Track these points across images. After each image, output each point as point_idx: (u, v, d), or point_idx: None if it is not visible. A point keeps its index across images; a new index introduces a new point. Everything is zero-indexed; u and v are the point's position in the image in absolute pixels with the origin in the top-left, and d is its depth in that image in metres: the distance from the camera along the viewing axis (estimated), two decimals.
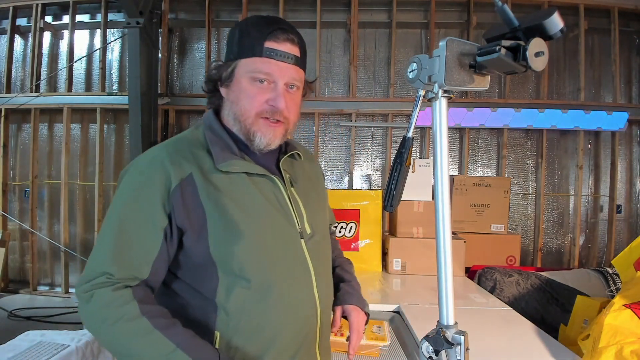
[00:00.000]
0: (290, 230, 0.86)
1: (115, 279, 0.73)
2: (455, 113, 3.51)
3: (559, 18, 0.58)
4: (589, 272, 2.88)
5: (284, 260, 0.84)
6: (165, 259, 0.78)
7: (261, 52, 0.81)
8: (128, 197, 0.79)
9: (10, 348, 1.52)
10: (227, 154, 0.83)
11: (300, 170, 0.96)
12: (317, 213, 0.94)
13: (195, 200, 0.78)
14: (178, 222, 0.77)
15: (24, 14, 3.89)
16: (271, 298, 0.81)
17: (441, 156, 0.70)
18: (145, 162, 0.81)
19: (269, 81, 0.83)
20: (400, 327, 1.79)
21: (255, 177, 0.84)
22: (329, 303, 0.95)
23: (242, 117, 0.84)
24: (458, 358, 0.66)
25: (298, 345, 0.85)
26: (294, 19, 3.72)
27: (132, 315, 0.71)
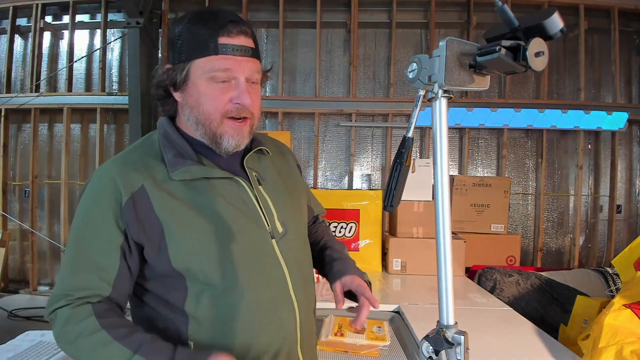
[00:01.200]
0: (258, 231, 0.83)
1: (74, 298, 0.73)
2: (455, 113, 3.51)
3: (559, 18, 0.58)
4: (589, 272, 2.88)
5: (253, 263, 0.81)
6: (126, 274, 0.77)
7: (216, 49, 0.76)
8: (82, 219, 0.78)
9: (10, 348, 1.52)
10: (181, 160, 0.78)
11: (270, 166, 0.92)
12: (289, 210, 0.90)
13: (149, 213, 0.75)
14: (134, 237, 0.75)
15: (24, 14, 3.89)
16: (242, 303, 0.78)
17: (441, 156, 0.70)
18: (95, 181, 0.79)
19: (229, 78, 0.79)
20: (400, 327, 1.79)
21: (216, 180, 0.81)
22: (309, 303, 0.91)
23: (206, 121, 0.79)
24: (458, 358, 0.66)
25: (277, 348, 0.81)
26: (294, 19, 3.73)
27: (91, 329, 0.71)
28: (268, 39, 3.85)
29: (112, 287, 0.75)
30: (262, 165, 0.90)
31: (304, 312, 0.87)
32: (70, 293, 0.74)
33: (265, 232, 0.83)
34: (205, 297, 0.77)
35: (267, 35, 3.85)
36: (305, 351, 0.88)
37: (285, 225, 0.87)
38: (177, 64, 0.79)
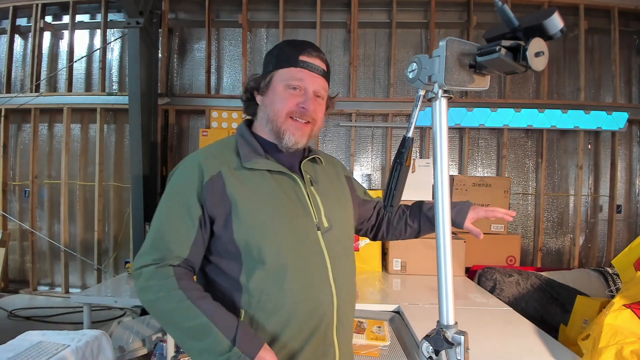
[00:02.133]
0: (306, 222, 0.95)
1: (158, 259, 0.88)
2: (455, 113, 3.51)
3: (559, 18, 0.58)
4: (589, 272, 2.88)
5: (299, 247, 0.93)
6: (201, 242, 0.91)
7: (296, 63, 0.95)
8: (172, 193, 0.95)
9: (10, 348, 1.52)
10: (253, 154, 0.95)
11: (322, 173, 1.07)
12: (335, 210, 1.02)
13: (222, 193, 0.90)
14: (209, 211, 0.90)
15: (24, 14, 3.89)
16: (286, 280, 0.90)
17: (441, 156, 0.70)
18: (185, 165, 0.97)
19: (301, 88, 0.96)
20: (400, 327, 1.79)
21: (276, 174, 0.96)
22: (348, 292, 1.00)
23: (274, 117, 0.96)
24: (458, 358, 0.66)
25: (314, 326, 0.92)
26: (294, 19, 3.73)
27: (171, 288, 0.85)
28: (268, 39, 3.85)
29: (189, 251, 0.90)
30: (315, 171, 1.06)
31: (342, 300, 0.96)
32: (154, 254, 0.88)
33: (313, 224, 0.96)
34: (256, 271, 0.90)
35: (267, 35, 3.85)
36: (340, 337, 0.96)
37: (331, 221, 0.99)
38: (265, 73, 0.98)
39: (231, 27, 3.83)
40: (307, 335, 0.91)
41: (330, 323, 0.94)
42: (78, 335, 1.67)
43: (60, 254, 3.76)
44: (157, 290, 0.85)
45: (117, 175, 3.90)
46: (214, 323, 0.83)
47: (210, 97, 3.70)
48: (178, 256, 0.89)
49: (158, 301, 0.86)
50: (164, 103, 3.67)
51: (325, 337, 0.94)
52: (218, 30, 3.85)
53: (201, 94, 3.75)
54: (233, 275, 0.92)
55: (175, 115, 3.75)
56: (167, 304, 0.85)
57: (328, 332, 0.94)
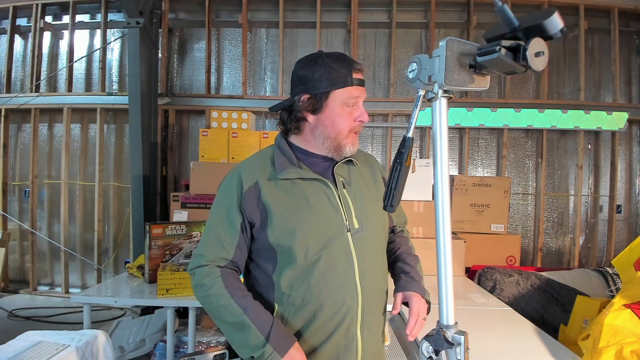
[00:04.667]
0: (336, 224, 1.01)
1: (209, 261, 1.01)
2: (455, 113, 3.51)
3: (559, 18, 0.58)
4: (589, 272, 2.88)
5: (328, 247, 0.99)
6: (243, 245, 1.03)
7: (352, 82, 1.01)
8: (217, 203, 1.07)
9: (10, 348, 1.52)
10: (286, 164, 1.03)
11: (356, 174, 1.11)
12: (368, 211, 1.06)
13: (259, 201, 1.01)
14: (248, 217, 1.02)
15: (24, 14, 3.89)
16: (313, 277, 0.98)
17: (441, 156, 0.70)
18: (229, 177, 1.08)
19: (355, 104, 1.03)
20: (401, 327, 1.79)
21: (309, 181, 1.03)
22: (376, 292, 1.05)
23: (336, 135, 1.03)
24: (458, 358, 0.66)
25: (337, 322, 0.98)
26: (294, 19, 3.73)
27: (218, 287, 0.98)
28: (268, 39, 3.85)
29: (233, 253, 1.02)
30: (350, 173, 1.09)
31: (368, 299, 1.02)
32: (205, 256, 1.02)
33: (343, 226, 1.01)
34: (287, 270, 0.99)
35: (267, 35, 3.85)
36: (365, 334, 1.01)
37: (362, 223, 1.04)
38: (316, 94, 1.02)
39: (231, 27, 3.83)
40: (330, 330, 0.98)
41: (354, 320, 1.00)
42: (78, 335, 1.67)
43: (60, 254, 3.76)
44: (207, 289, 0.99)
45: (117, 175, 3.90)
46: (252, 320, 0.95)
47: (210, 97, 3.71)
48: (224, 258, 1.02)
49: (208, 298, 0.99)
50: (164, 103, 3.67)
51: (347, 333, 0.99)
52: (218, 30, 3.85)
53: (201, 94, 3.75)
54: (268, 273, 1.02)
55: (175, 115, 3.75)
56: (216, 301, 0.98)
57: (351, 328, 0.99)
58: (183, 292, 2.02)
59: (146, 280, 2.29)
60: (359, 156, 1.15)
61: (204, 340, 2.43)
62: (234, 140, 3.21)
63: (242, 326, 0.95)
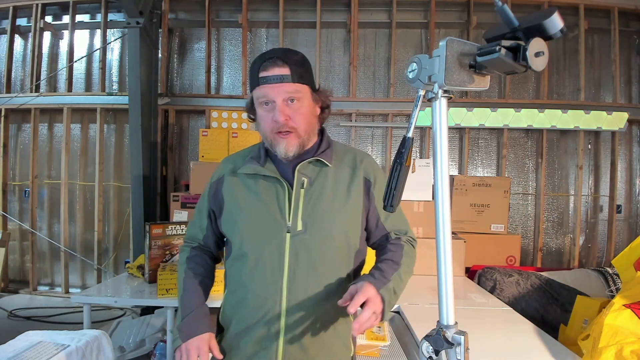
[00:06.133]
0: (277, 222, 1.01)
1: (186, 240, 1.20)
2: (455, 113, 3.51)
3: (559, 18, 0.58)
4: (589, 272, 2.88)
5: (260, 244, 1.02)
6: (211, 230, 1.15)
7: (258, 82, 0.99)
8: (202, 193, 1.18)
9: (11, 348, 1.52)
10: (252, 161, 1.07)
11: (324, 175, 1.05)
12: (320, 213, 1.01)
13: (219, 192, 1.10)
14: (212, 206, 1.13)
15: (24, 14, 3.89)
16: (243, 270, 1.04)
17: (441, 156, 0.70)
18: None
19: (271, 102, 0.99)
20: (400, 327, 1.79)
21: (266, 178, 1.05)
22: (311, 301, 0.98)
23: (264, 136, 1.05)
24: (458, 358, 0.66)
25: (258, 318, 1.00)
26: (294, 19, 3.73)
27: (181, 264, 1.15)
28: (268, 39, 3.85)
29: (202, 237, 1.16)
30: (317, 173, 1.05)
31: (298, 306, 0.96)
32: (186, 235, 1.20)
33: (283, 226, 1.00)
34: (230, 258, 1.10)
35: (267, 35, 3.85)
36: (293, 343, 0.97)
37: (307, 225, 1.00)
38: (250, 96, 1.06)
39: (231, 27, 3.83)
40: (251, 324, 1.02)
41: (274, 323, 0.98)
42: (78, 335, 1.67)
43: (60, 254, 3.76)
44: (179, 263, 1.16)
45: (117, 175, 3.90)
46: (182, 301, 1.07)
47: (210, 97, 3.70)
48: (197, 239, 1.16)
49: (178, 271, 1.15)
50: (164, 103, 3.67)
51: (268, 333, 0.99)
52: (218, 30, 3.85)
53: (201, 94, 3.75)
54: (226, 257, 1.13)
55: (175, 115, 3.75)
56: (178, 275, 1.14)
57: (272, 329, 0.99)
58: None
59: (146, 280, 2.29)
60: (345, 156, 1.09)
61: None
62: (234, 140, 3.21)
63: (180, 302, 1.08)
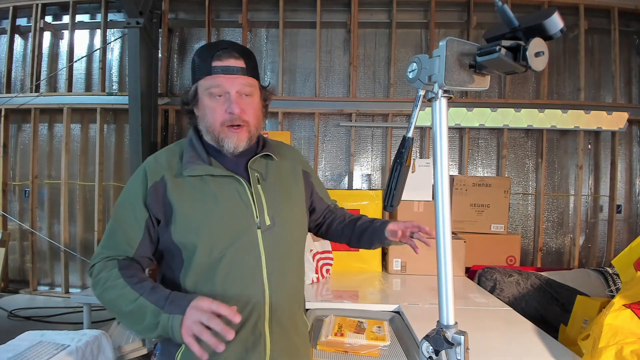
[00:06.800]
0: (246, 221, 0.99)
1: (107, 256, 0.97)
2: (455, 113, 3.51)
3: (559, 18, 0.58)
4: (589, 272, 2.88)
5: (234, 244, 0.97)
6: (147, 242, 0.99)
7: (209, 71, 0.96)
8: (122, 199, 1.02)
9: (10, 348, 1.52)
10: (194, 160, 0.99)
11: (274, 169, 1.08)
12: (282, 208, 1.05)
13: (164, 197, 0.97)
14: (154, 214, 0.98)
15: (24, 14, 3.89)
16: (217, 276, 0.96)
17: (441, 156, 0.71)
18: (135, 172, 1.03)
19: (223, 93, 0.97)
20: (400, 327, 1.79)
21: (219, 177, 1.00)
22: (287, 288, 1.05)
23: (211, 128, 0.99)
24: (458, 358, 0.66)
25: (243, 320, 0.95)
26: (294, 19, 3.73)
27: (114, 277, 0.92)
28: (268, 39, 3.85)
29: (135, 250, 0.98)
30: (267, 168, 1.06)
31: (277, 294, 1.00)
32: (105, 253, 0.98)
33: (252, 222, 0.99)
34: (191, 269, 0.96)
35: (267, 35, 3.85)
36: (274, 328, 1.00)
37: (274, 219, 1.01)
38: (191, 85, 1.01)
39: (231, 27, 3.83)
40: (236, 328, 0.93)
41: (261, 317, 0.98)
42: (78, 335, 1.68)
43: (60, 254, 3.76)
44: (104, 282, 0.92)
45: (117, 175, 3.90)
46: (148, 300, 0.87)
47: None
48: (126, 255, 0.98)
49: (106, 291, 0.92)
50: (164, 103, 3.67)
51: (254, 330, 0.98)
52: (218, 30, 3.85)
53: None
54: (175, 274, 0.99)
55: (175, 115, 3.75)
56: (113, 292, 0.91)
57: (258, 325, 0.98)
58: None
59: None
60: (281, 150, 1.13)
61: None
62: None
63: (141, 309, 0.86)
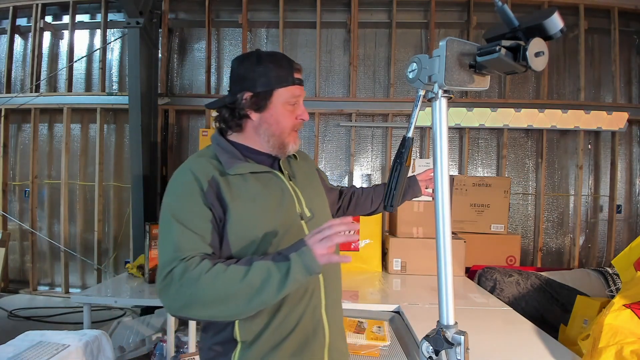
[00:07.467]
0: (291, 212, 1.03)
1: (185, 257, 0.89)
2: (455, 113, 3.51)
3: (559, 18, 0.58)
4: (589, 272, 2.88)
5: (286, 235, 0.99)
6: (217, 240, 0.97)
7: (293, 81, 1.04)
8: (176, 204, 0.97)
9: (11, 348, 1.52)
10: (234, 160, 1.02)
11: (297, 168, 1.16)
12: (315, 200, 1.12)
13: (219, 196, 0.97)
14: (216, 213, 0.96)
15: (24, 14, 3.89)
16: None
17: (441, 156, 0.71)
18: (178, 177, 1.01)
19: (296, 103, 1.06)
20: (400, 327, 1.79)
21: (259, 174, 1.03)
22: (334, 274, 1.10)
23: (279, 132, 1.05)
24: (458, 358, 0.66)
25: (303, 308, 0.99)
26: (294, 19, 3.73)
27: (208, 266, 0.86)
28: (268, 39, 3.85)
29: (211, 249, 0.94)
30: (292, 167, 1.14)
31: (328, 281, 1.05)
32: (180, 255, 0.89)
33: (296, 214, 1.04)
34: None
35: (267, 35, 3.85)
36: (329, 316, 1.03)
37: (312, 210, 1.08)
38: (259, 92, 1.02)
39: (231, 27, 3.83)
40: (297, 317, 0.98)
41: (318, 304, 1.02)
42: (78, 335, 1.67)
43: (60, 254, 3.75)
44: (197, 276, 0.85)
45: (117, 175, 3.90)
46: (261, 262, 0.86)
47: (210, 97, 3.70)
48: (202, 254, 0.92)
49: (202, 285, 0.84)
50: (164, 103, 3.67)
51: (313, 317, 1.00)
52: (218, 30, 3.85)
53: (201, 94, 3.75)
54: None
55: (175, 115, 3.75)
56: (211, 280, 0.84)
57: (316, 312, 1.01)
58: None
59: (146, 280, 2.29)
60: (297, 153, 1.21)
61: None
62: None
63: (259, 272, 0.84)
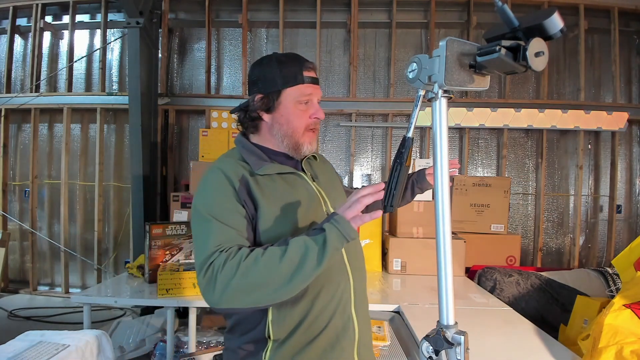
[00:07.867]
0: (320, 211, 1.05)
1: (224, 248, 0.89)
2: (455, 113, 3.51)
3: (559, 18, 0.58)
4: (589, 272, 2.88)
5: None
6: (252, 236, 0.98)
7: (303, 80, 1.03)
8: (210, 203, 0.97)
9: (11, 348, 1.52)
10: (261, 161, 1.03)
11: (318, 169, 1.18)
12: (338, 200, 1.14)
13: (250, 194, 0.98)
14: (249, 211, 0.98)
15: (24, 14, 3.89)
16: None
17: (441, 156, 0.70)
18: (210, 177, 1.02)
19: (309, 101, 1.06)
20: (400, 327, 1.79)
21: (285, 175, 1.05)
22: (360, 270, 1.12)
23: (292, 133, 1.05)
24: (458, 358, 0.66)
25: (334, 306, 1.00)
26: (294, 19, 3.73)
27: (247, 253, 0.87)
28: (268, 39, 3.85)
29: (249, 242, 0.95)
30: (313, 168, 1.16)
31: (357, 280, 1.06)
32: (219, 247, 0.89)
33: (323, 214, 1.05)
34: None
35: (267, 35, 3.85)
36: (358, 313, 1.05)
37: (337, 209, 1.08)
38: (270, 92, 1.03)
39: (231, 27, 3.84)
40: (329, 315, 0.99)
41: (348, 301, 1.03)
42: (78, 335, 1.67)
43: (60, 254, 3.75)
44: (237, 263, 0.85)
45: (117, 175, 3.90)
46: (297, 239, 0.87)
47: (210, 97, 3.70)
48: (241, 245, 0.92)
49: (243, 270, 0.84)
50: (164, 103, 3.67)
51: (344, 315, 1.02)
52: (218, 30, 3.85)
53: (201, 94, 3.75)
54: None
55: (175, 115, 3.75)
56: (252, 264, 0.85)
57: (347, 309, 1.03)
58: (183, 292, 2.02)
59: (146, 280, 2.29)
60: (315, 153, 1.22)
61: (204, 340, 2.43)
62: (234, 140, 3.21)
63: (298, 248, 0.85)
